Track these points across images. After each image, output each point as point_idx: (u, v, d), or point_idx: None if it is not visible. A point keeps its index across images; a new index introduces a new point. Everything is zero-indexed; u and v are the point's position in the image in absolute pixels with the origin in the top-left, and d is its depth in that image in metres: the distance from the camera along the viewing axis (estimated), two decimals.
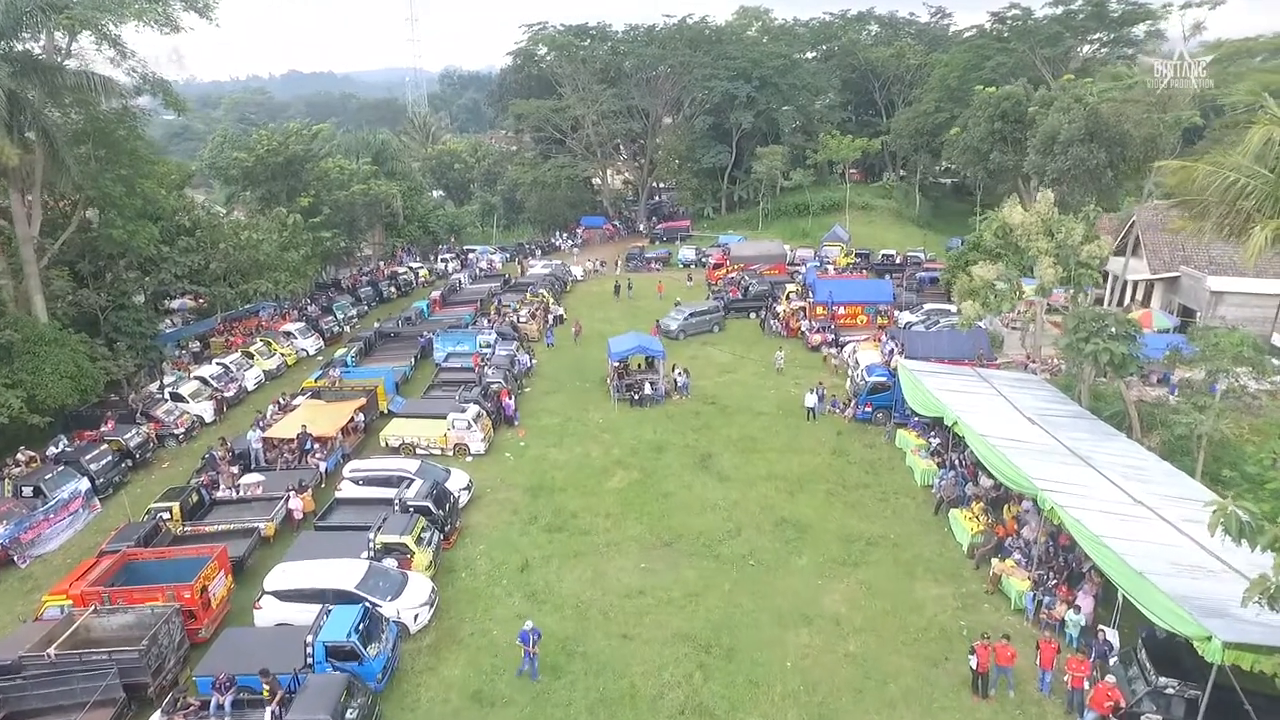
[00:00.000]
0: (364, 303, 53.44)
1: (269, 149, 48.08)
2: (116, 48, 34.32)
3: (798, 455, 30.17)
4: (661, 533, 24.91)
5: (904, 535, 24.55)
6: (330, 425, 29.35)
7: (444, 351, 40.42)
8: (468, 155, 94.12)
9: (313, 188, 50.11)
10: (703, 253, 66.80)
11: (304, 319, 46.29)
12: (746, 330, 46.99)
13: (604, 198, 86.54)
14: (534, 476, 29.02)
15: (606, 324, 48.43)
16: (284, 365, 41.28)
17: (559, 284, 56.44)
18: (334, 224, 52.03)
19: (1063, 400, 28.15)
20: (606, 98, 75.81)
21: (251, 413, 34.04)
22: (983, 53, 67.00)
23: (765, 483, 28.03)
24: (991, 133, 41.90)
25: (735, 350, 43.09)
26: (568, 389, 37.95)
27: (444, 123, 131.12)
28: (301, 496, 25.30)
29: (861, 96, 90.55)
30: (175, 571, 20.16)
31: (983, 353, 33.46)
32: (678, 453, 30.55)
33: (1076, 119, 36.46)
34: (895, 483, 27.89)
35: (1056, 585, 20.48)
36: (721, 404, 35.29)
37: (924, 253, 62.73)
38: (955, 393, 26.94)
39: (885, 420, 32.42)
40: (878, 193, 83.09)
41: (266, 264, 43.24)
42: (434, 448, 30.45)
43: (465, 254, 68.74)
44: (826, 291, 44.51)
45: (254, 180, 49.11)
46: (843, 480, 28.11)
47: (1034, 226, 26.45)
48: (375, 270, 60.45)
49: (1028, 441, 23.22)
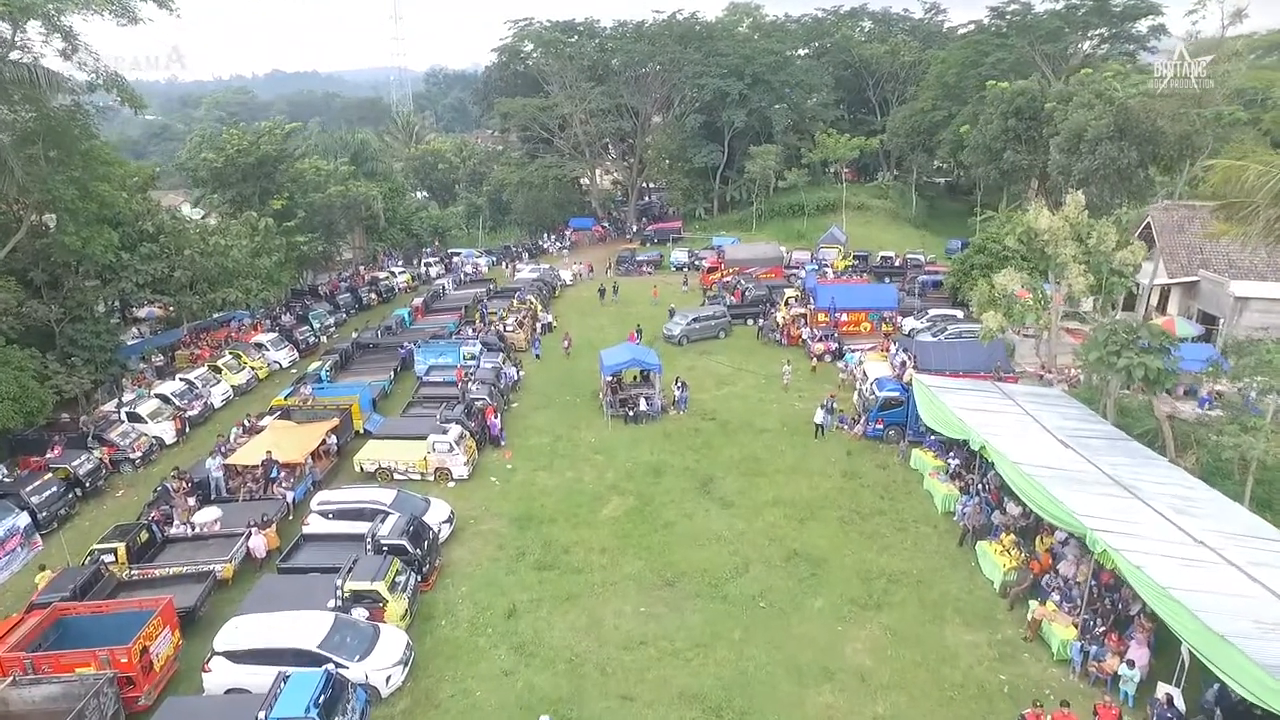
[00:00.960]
0: (342, 310, 50.88)
1: (239, 149, 45.45)
2: (67, 39, 31.85)
3: (806, 478, 28.01)
4: (662, 570, 22.67)
5: (928, 571, 22.42)
6: (299, 450, 26.92)
7: (425, 364, 38.00)
8: (452, 155, 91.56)
9: (287, 190, 47.52)
10: (696, 255, 64.62)
11: (277, 329, 43.72)
12: (744, 338, 44.81)
13: (593, 198, 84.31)
14: (522, 504, 26.72)
15: (597, 332, 46.15)
16: (254, 380, 38.72)
17: (547, 289, 54.10)
18: (310, 228, 49.49)
19: (1091, 418, 26.10)
20: (595, 96, 73.65)
21: (217, 433, 31.55)
22: (981, 49, 65.17)
23: (773, 510, 25.85)
24: (1005, 130, 39.84)
25: (733, 360, 40.91)
26: (557, 404, 35.65)
27: (429, 122, 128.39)
28: (264, 533, 22.91)
29: (854, 94, 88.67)
30: (114, 629, 17.74)
31: (1000, 365, 31.41)
32: (677, 476, 28.32)
33: (1105, 115, 34.40)
34: (913, 509, 25.76)
35: (1105, 633, 18.40)
36: (722, 420, 33.09)
37: (924, 255, 60.85)
38: (978, 411, 24.85)
39: (898, 438, 30.32)
40: (873, 192, 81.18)
41: (236, 271, 40.70)
42: (413, 472, 28.08)
43: (450, 258, 66.19)
44: (829, 297, 42.39)
45: (224, 182, 46.48)
46: (856, 506, 25.96)
47: (1062, 231, 24.36)
48: (354, 276, 57.85)
49: (1063, 469, 21.13)
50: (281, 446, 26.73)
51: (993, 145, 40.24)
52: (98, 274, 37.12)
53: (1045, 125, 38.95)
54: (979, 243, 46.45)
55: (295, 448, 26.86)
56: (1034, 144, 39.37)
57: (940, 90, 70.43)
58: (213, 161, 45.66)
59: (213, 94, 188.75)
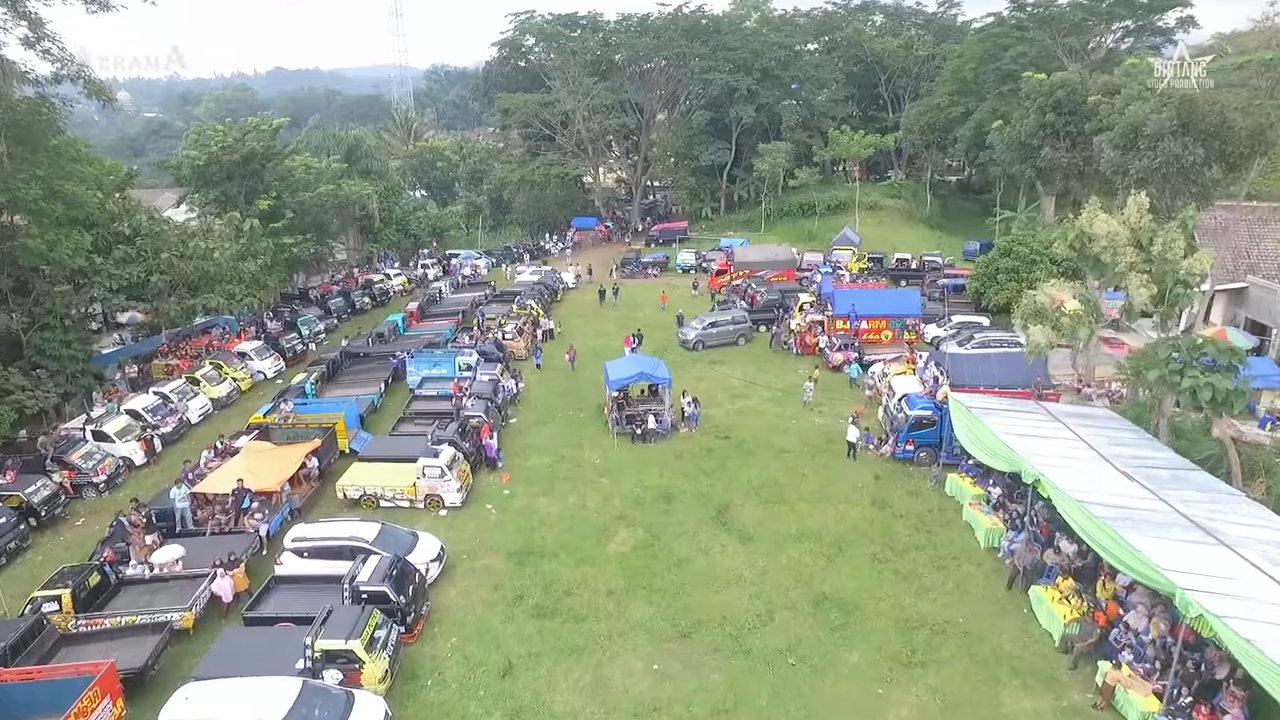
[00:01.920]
0: (334, 315, 48.44)
1: (223, 146, 42.97)
2: (34, 26, 29.52)
3: (832, 506, 25.53)
4: (676, 617, 20.20)
5: (975, 619, 19.94)
6: (274, 476, 24.46)
7: (418, 375, 35.58)
8: (452, 153, 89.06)
9: (274, 189, 45.05)
10: (703, 257, 62.14)
11: (262, 336, 41.26)
12: (757, 346, 42.32)
13: (596, 197, 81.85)
14: (520, 536, 24.27)
15: (600, 339, 43.69)
16: (236, 392, 36.28)
17: (549, 293, 51.61)
18: (299, 229, 47.02)
19: (1148, 442, 23.60)
20: (598, 91, 71.20)
21: (195, 451, 29.10)
22: (1000, 42, 62.58)
23: (797, 544, 23.37)
24: (1042, 126, 37.15)
25: (746, 371, 38.43)
26: (559, 419, 33.20)
27: (428, 119, 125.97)
28: (231, 574, 20.48)
29: (865, 91, 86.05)
30: (46, 698, 15.35)
31: (1040, 380, 28.89)
32: (690, 504, 25.85)
33: (1165, 108, 31.70)
34: (953, 544, 23.28)
35: (1194, 705, 15.91)
36: (737, 439, 30.61)
37: (942, 256, 58.32)
38: (1027, 437, 22.34)
39: (930, 460, 27.86)
40: (885, 191, 78.68)
41: (218, 275, 38.26)
42: (401, 499, 25.66)
43: (448, 259, 63.69)
44: (849, 303, 39.88)
45: (207, 181, 44.00)
46: (890, 540, 23.47)
47: (1122, 237, 21.83)
48: (347, 279, 55.31)
49: (1131, 507, 18.63)
50: (255, 472, 24.30)
51: (1029, 142, 37.54)
52: (69, 278, 34.78)
53: (1088, 120, 36.31)
54: (1004, 245, 43.93)
55: (271, 473, 24.41)
56: (1073, 140, 36.70)
57: (957, 86, 67.87)
58: (195, 159, 43.22)
59: (212, 91, 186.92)
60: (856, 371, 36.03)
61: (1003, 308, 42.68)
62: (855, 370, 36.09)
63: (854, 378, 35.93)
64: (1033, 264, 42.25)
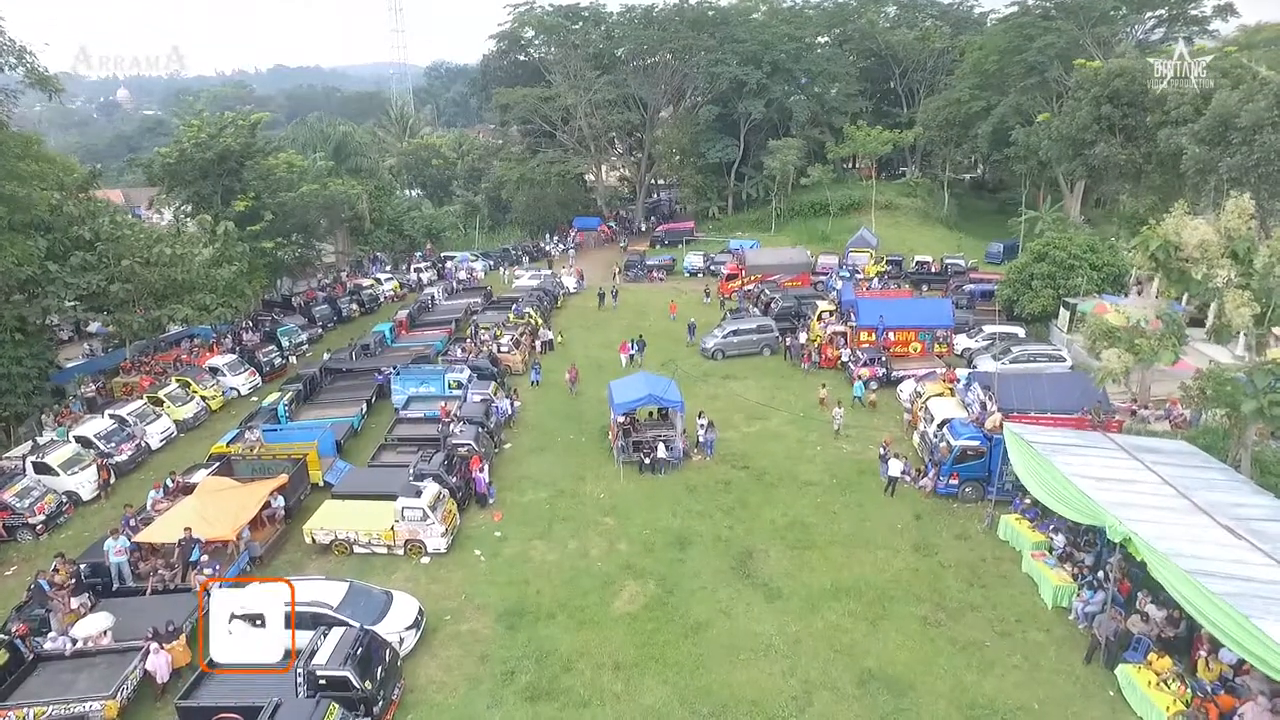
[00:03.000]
0: (318, 324, 45.24)
1: (196, 142, 39.76)
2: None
3: (869, 552, 22.32)
4: (696, 700, 16.98)
5: (1052, 703, 16.71)
6: (230, 521, 21.22)
7: (404, 394, 32.38)
8: (449, 150, 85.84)
9: (253, 188, 41.85)
10: (711, 259, 58.91)
11: (238, 349, 38.07)
12: (772, 359, 39.04)
13: (598, 196, 78.68)
14: (512, 590, 21.07)
15: (604, 350, 40.49)
16: (205, 412, 33.05)
17: (549, 300, 48.38)
18: (280, 231, 43.86)
19: (1241, 484, 20.32)
20: (600, 85, 68.05)
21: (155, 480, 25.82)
22: (1025, 33, 59.18)
23: (832, 602, 20.15)
24: (1097, 119, 33.74)
25: (763, 387, 35.20)
26: (559, 445, 29.99)
27: (425, 116, 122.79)
28: (169, 647, 17.28)
29: (878, 85, 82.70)
30: None
31: (1100, 404, 25.66)
32: (707, 550, 22.64)
33: (1261, 96, 28.17)
34: (1014, 602, 20.04)
35: None
36: (756, 468, 27.39)
37: (964, 259, 55.04)
38: (1104, 481, 19.09)
39: (976, 496, 24.64)
40: (900, 190, 75.33)
41: (187, 284, 35.10)
42: (378, 545, 22.48)
43: (443, 262, 60.47)
44: (875, 314, 36.61)
45: (180, 179, 40.81)
46: (940, 597, 20.25)
47: (1216, 247, 18.60)
48: (334, 284, 52.04)
49: (1254, 578, 15.36)
50: (209, 517, 21.07)
51: (1080, 136, 34.14)
52: (20, 287, 31.62)
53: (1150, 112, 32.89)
54: (1037, 249, 40.59)
55: (226, 518, 21.17)
56: (1131, 134, 33.30)
57: (978, 79, 64.49)
58: (166, 156, 40.00)
59: (210, 89, 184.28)
60: (861, 390, 32.78)
61: (1038, 316, 39.62)
62: (859, 389, 32.84)
63: (858, 395, 32.72)
64: (1070, 269, 39.07)
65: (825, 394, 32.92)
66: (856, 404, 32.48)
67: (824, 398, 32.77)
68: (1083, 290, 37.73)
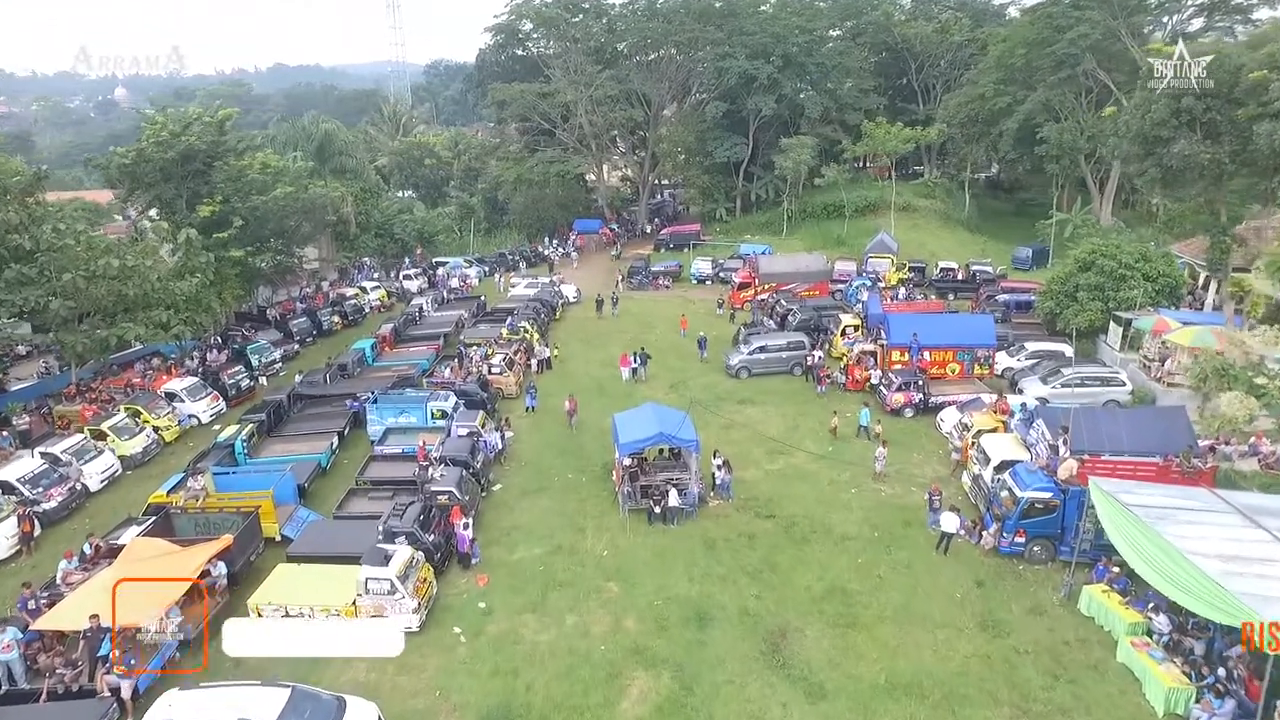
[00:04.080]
0: (296, 339, 41.46)
1: (157, 141, 36.01)
2: None
3: (926, 632, 18.57)
4: None
5: None
6: (154, 602, 17.46)
7: (381, 425, 28.65)
8: (444, 149, 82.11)
9: (222, 191, 38.09)
10: (721, 265, 55.16)
11: (201, 370, 34.33)
12: (791, 380, 35.26)
13: (600, 196, 74.97)
14: (497, 684, 17.33)
15: (607, 369, 36.78)
16: (157, 445, 29.32)
17: (546, 311, 44.61)
18: (254, 238, 40.14)
19: None
20: (602, 81, 64.33)
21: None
22: (1055, 24, 55.37)
23: (889, 703, 16.42)
24: (1176, 113, 29.92)
25: (784, 414, 31.46)
26: (556, 486, 26.25)
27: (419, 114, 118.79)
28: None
29: (891, 80, 78.83)
30: None
31: (1190, 448, 21.87)
32: (732, 628, 18.91)
33: None
34: (1113, 704, 16.27)
35: None
36: (784, 517, 23.65)
37: (992, 266, 51.29)
38: (1234, 561, 15.30)
39: (1047, 556, 20.91)
40: (917, 191, 71.50)
41: (141, 299, 31.41)
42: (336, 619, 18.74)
43: (434, 269, 56.71)
44: (908, 330, 32.87)
45: (139, 182, 37.06)
46: (1022, 697, 16.49)
47: None
48: (314, 295, 48.20)
49: None
50: (129, 598, 17.25)
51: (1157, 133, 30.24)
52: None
53: (1242, 105, 29.07)
54: (1082, 257, 36.82)
55: (149, 599, 17.40)
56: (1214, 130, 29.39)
57: (1003, 74, 60.63)
58: (122, 157, 36.23)
59: (207, 87, 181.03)
60: (867, 418, 29.05)
61: (1084, 332, 35.92)
62: (865, 416, 29.10)
63: (864, 425, 28.99)
64: (1122, 280, 35.34)
65: (837, 422, 29.17)
66: (862, 434, 28.78)
67: (835, 426, 29.04)
68: (1139, 304, 34.03)
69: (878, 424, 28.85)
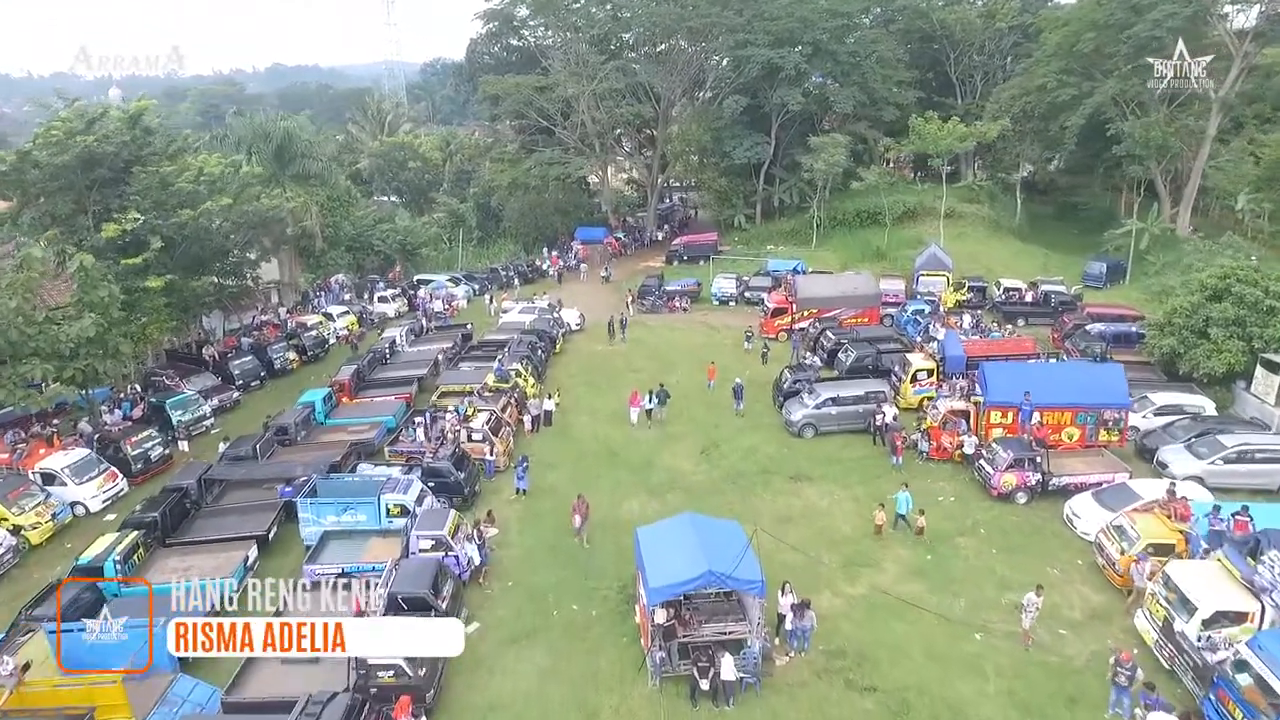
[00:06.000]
0: (237, 385, 33.74)
1: (47, 142, 28.39)
2: None
3: None
4: None
5: None
6: None
7: (318, 527, 21.03)
8: (433, 150, 74.56)
9: (139, 205, 30.49)
10: (745, 283, 47.54)
11: (96, 439, 26.66)
12: (856, 442, 27.59)
13: (604, 202, 67.42)
14: None
15: (618, 427, 29.17)
16: (13, 555, 21.65)
17: (545, 345, 36.93)
18: (186, 262, 32.61)
19: None
20: (606, 72, 56.81)
21: None
22: (1131, 4, 47.98)
23: None
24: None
25: (855, 496, 23.82)
26: (554, 626, 18.64)
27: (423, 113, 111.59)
28: None
29: (926, 70, 71.24)
30: None
31: None
32: None
33: None
34: None
35: None
36: (891, 689, 16.06)
37: (1066, 285, 43.72)
38: None
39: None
40: (960, 195, 63.73)
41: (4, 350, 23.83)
42: None
43: (414, 289, 49.03)
44: (1011, 384, 25.21)
45: (27, 193, 29.49)
46: None
47: None
48: (262, 326, 40.26)
49: None
50: None
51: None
52: None
53: None
54: (1215, 283, 29.36)
55: None
56: None
57: (1066, 62, 53.10)
58: (2, 161, 28.60)
59: (199, 87, 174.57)
60: (906, 504, 21.58)
61: (1218, 378, 28.52)
62: (904, 502, 21.61)
63: (902, 514, 21.59)
64: (1271, 313, 28.01)
65: (882, 517, 21.51)
66: (901, 525, 21.29)
67: (880, 524, 21.41)
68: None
69: (920, 514, 21.30)
